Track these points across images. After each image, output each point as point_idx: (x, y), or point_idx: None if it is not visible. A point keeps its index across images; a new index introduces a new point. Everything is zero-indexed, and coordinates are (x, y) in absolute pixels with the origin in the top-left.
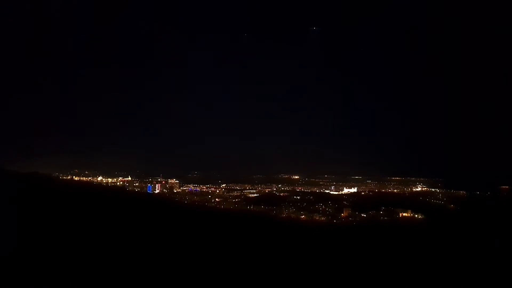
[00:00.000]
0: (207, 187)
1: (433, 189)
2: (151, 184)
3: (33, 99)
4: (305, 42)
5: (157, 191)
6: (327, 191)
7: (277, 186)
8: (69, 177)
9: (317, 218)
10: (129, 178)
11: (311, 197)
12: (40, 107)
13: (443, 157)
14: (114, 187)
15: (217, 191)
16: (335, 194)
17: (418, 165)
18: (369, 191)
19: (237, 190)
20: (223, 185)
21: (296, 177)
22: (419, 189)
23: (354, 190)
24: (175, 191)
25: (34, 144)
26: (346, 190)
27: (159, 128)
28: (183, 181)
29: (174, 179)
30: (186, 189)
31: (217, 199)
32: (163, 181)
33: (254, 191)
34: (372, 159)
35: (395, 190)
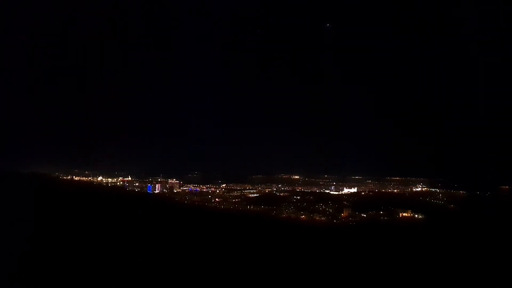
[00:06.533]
0: (207, 187)
1: (433, 189)
2: (151, 184)
3: (33, 98)
4: (305, 40)
5: (157, 191)
6: (327, 191)
7: (277, 186)
8: (69, 177)
9: (317, 218)
10: (129, 178)
11: (311, 197)
12: (40, 106)
13: (443, 157)
14: (114, 187)
15: (217, 191)
16: (335, 194)
17: (418, 165)
18: (369, 191)
19: (237, 190)
20: (223, 185)
21: (296, 177)
22: (419, 189)
23: (354, 190)
24: (175, 191)
25: (34, 144)
26: (346, 190)
27: (160, 128)
28: (183, 181)
29: (174, 179)
30: (186, 189)
31: (217, 199)
32: (163, 181)
33: (254, 191)
34: (372, 159)
35: (395, 190)
